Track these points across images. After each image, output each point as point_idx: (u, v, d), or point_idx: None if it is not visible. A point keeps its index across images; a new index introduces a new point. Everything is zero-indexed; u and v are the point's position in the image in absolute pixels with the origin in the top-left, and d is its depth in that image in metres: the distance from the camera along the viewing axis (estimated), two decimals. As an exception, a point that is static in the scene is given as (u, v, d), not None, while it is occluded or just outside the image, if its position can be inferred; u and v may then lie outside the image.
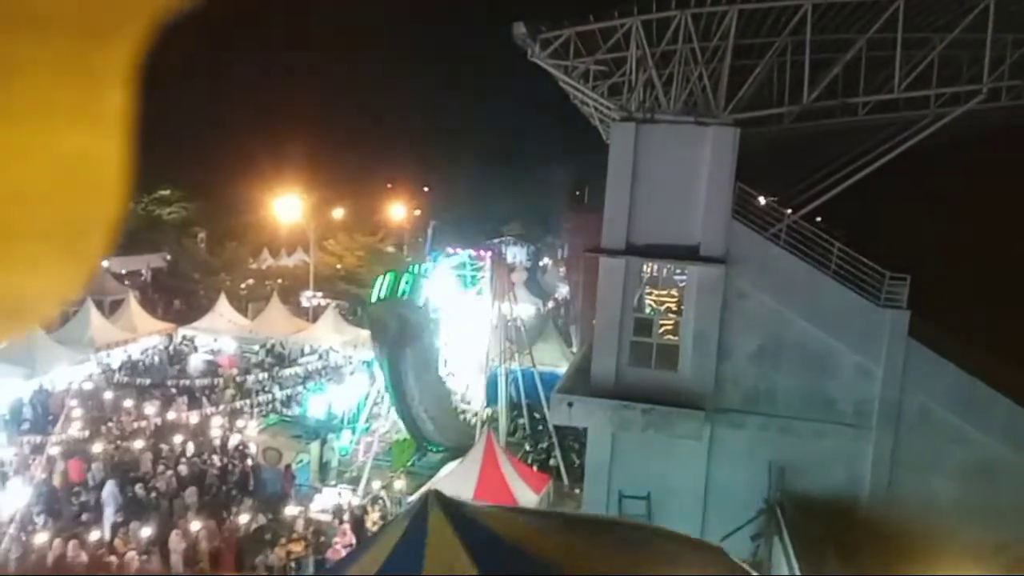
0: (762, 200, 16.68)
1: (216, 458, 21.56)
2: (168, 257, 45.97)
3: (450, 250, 26.21)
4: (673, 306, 17.27)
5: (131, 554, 16.02)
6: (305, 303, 39.96)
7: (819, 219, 18.42)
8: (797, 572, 12.49)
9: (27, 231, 0.54)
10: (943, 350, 14.98)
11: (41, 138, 0.51)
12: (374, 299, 22.91)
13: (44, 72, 0.50)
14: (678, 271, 16.97)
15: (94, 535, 16.72)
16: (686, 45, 15.78)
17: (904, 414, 15.07)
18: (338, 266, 47.23)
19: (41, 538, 16.21)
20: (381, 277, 23.61)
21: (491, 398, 24.39)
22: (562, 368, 24.15)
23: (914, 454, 15.04)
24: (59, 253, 0.56)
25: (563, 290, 52.00)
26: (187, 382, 28.69)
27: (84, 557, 15.75)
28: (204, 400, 26.83)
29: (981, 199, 24.65)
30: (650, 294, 17.92)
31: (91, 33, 0.50)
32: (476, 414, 24.40)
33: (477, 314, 25.83)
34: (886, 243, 20.03)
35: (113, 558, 16.02)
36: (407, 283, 22.44)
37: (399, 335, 21.24)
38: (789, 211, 16.33)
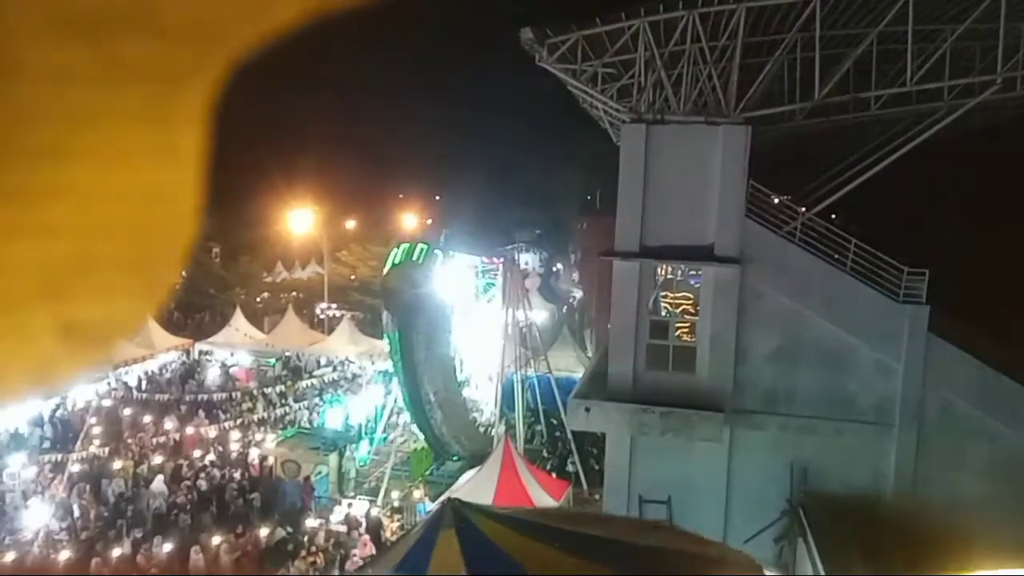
0: (776, 199, 16.56)
1: (236, 472, 21.63)
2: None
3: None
4: (689, 308, 17.15)
5: (153, 572, 16.09)
6: (320, 315, 40.10)
7: (834, 216, 18.27)
8: (822, 573, 12.34)
9: (108, 263, 0.58)
10: (966, 345, 14.78)
11: (121, 177, 0.56)
12: (388, 268, 23.05)
13: (124, 116, 0.54)
14: (693, 272, 16.88)
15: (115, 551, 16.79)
16: (694, 45, 15.70)
17: (927, 411, 14.88)
18: (352, 277, 47.37)
19: (64, 555, 16.31)
20: (395, 247, 23.84)
21: (507, 405, 24.25)
22: (578, 373, 24.02)
23: (938, 451, 14.84)
24: (136, 282, 0.61)
25: (577, 295, 51.84)
26: (205, 396, 28.83)
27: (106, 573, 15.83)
28: (222, 414, 26.93)
29: (1001, 191, 24.39)
30: (665, 297, 17.82)
31: (168, 79, 0.55)
32: (490, 424, 24.18)
33: (491, 321, 25.76)
34: (904, 238, 19.83)
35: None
36: (421, 252, 22.58)
37: (412, 300, 21.41)
38: (803, 209, 16.20)
